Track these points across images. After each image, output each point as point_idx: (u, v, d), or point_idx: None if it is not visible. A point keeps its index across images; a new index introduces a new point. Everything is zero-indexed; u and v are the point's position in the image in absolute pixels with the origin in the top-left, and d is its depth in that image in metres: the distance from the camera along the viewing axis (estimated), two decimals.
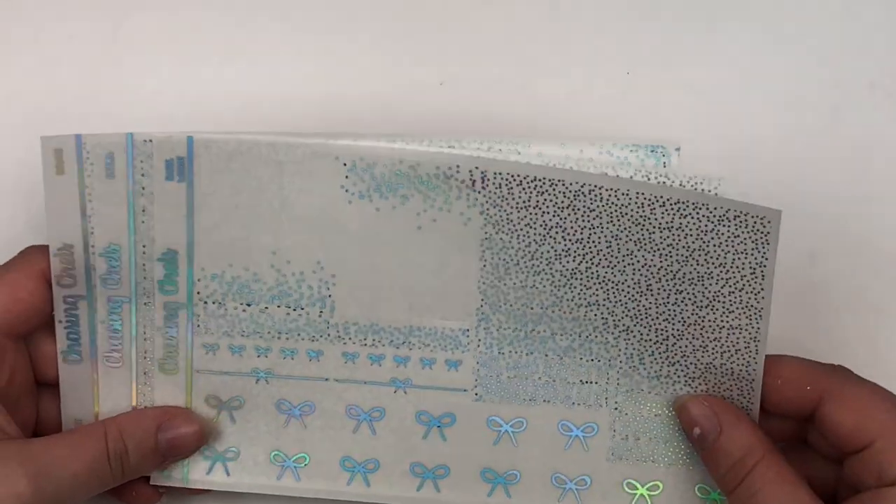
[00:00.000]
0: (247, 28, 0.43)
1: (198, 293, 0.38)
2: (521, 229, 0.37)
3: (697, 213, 0.36)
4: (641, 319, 0.37)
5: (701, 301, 0.37)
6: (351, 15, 0.43)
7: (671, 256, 0.37)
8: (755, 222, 0.36)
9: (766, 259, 0.37)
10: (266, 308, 0.38)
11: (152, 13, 0.43)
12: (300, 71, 0.43)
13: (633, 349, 0.38)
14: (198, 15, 0.43)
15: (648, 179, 0.37)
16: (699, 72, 0.43)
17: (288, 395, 0.39)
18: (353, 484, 0.39)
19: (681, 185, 0.37)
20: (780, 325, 0.42)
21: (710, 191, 0.37)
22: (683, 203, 0.36)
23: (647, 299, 0.37)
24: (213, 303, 0.38)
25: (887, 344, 0.42)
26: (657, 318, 0.37)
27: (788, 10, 0.43)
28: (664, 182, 0.37)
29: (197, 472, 0.39)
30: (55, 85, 0.43)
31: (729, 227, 0.36)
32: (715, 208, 0.36)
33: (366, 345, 0.38)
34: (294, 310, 0.38)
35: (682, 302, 0.37)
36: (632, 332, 0.38)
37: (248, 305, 0.38)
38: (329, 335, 0.38)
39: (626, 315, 0.37)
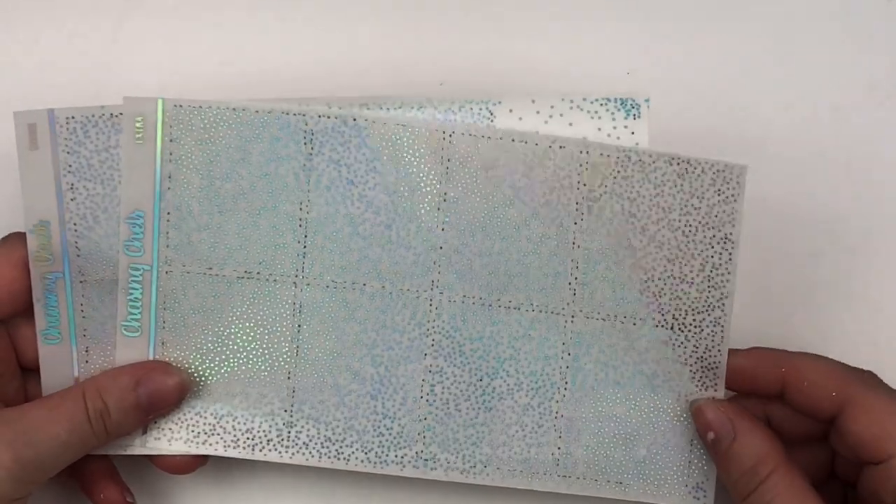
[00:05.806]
0: (246, 29, 0.43)
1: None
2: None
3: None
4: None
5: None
6: (350, 14, 0.43)
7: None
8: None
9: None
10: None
11: (152, 13, 0.43)
12: (300, 71, 0.43)
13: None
14: (198, 15, 0.43)
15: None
16: (699, 72, 0.43)
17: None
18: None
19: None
20: (780, 324, 0.42)
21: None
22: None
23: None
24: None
25: (887, 344, 0.42)
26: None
27: (788, 9, 0.43)
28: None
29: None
30: (56, 85, 0.43)
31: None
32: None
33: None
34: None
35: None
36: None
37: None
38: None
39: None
